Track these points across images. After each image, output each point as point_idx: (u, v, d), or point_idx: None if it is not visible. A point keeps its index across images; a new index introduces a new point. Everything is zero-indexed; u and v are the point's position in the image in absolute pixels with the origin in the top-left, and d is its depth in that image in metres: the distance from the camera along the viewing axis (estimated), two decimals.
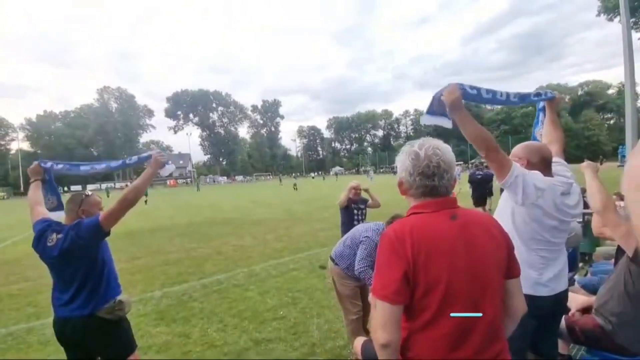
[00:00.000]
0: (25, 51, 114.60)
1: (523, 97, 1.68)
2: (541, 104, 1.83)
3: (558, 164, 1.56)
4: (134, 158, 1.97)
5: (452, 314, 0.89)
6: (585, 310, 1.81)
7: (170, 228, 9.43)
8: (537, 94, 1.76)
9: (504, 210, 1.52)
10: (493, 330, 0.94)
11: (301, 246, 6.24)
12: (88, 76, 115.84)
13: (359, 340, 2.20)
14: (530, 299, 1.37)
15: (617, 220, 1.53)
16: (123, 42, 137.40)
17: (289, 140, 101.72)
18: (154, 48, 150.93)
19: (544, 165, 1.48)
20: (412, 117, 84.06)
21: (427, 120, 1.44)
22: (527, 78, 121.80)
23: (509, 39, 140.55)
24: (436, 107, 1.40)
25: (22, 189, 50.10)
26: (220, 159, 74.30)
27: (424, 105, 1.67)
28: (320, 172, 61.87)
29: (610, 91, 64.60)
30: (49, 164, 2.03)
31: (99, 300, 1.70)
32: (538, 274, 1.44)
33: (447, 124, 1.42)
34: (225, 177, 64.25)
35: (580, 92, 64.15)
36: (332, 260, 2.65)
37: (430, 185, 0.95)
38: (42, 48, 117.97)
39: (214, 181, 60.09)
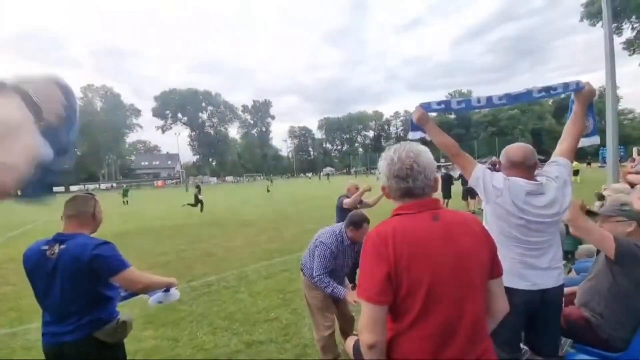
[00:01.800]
0: (12, 49, 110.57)
1: (517, 96, 1.67)
2: (573, 95, 1.73)
3: (555, 164, 1.60)
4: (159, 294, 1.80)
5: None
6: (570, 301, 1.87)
7: (159, 230, 9.24)
8: (549, 89, 1.68)
9: (484, 211, 1.64)
10: (477, 330, 0.96)
11: (292, 247, 6.22)
12: (73, 74, 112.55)
13: (351, 340, 2.21)
14: (510, 291, 1.41)
15: (588, 227, 1.59)
16: (109, 40, 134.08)
17: (280, 140, 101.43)
18: (141, 46, 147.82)
19: (512, 166, 1.58)
20: (402, 118, 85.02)
21: (411, 136, 1.75)
22: (514, 81, 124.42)
23: (498, 42, 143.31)
24: (414, 125, 1.72)
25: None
26: (210, 160, 73.32)
27: (414, 107, 1.74)
28: (314, 173, 61.87)
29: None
30: None
31: (100, 320, 1.51)
32: (514, 267, 1.50)
33: (426, 137, 1.73)
34: (215, 178, 63.48)
35: (563, 95, 66.13)
36: (301, 269, 2.49)
37: (405, 187, 0.99)
38: (28, 46, 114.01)
39: (202, 182, 59.28)
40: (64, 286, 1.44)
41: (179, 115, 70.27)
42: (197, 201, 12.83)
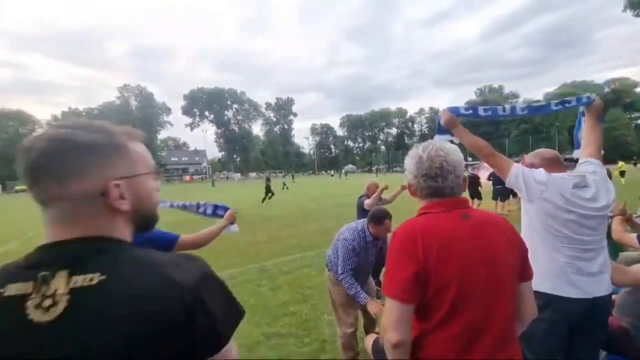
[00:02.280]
0: (52, 51, 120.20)
1: (538, 108, 1.72)
2: (582, 108, 1.82)
3: (588, 163, 1.54)
4: (210, 208, 2.04)
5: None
6: None
7: (186, 223, 9.70)
8: (564, 102, 1.72)
9: (523, 215, 1.53)
10: (506, 333, 0.93)
11: (312, 244, 6.29)
12: (110, 75, 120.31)
13: (370, 338, 2.21)
14: (556, 300, 1.35)
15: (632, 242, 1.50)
16: (143, 42, 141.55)
17: (302, 137, 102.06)
18: (173, 47, 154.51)
19: (548, 163, 1.53)
20: (427, 115, 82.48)
21: (438, 139, 1.71)
22: (550, 75, 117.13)
23: (532, 34, 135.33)
24: (442, 128, 1.71)
25: None
26: (235, 156, 75.48)
27: (440, 103, 1.76)
28: (337, 170, 61.87)
29: (638, 89, 61.14)
30: None
31: None
32: (563, 272, 1.38)
33: (454, 140, 1.70)
34: (238, 174, 65.28)
35: (606, 90, 61.03)
36: (326, 265, 2.50)
37: (434, 186, 0.97)
38: (67, 48, 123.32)
39: (227, 177, 61.19)
40: None
41: (206, 113, 72.91)
42: (269, 191, 14.28)
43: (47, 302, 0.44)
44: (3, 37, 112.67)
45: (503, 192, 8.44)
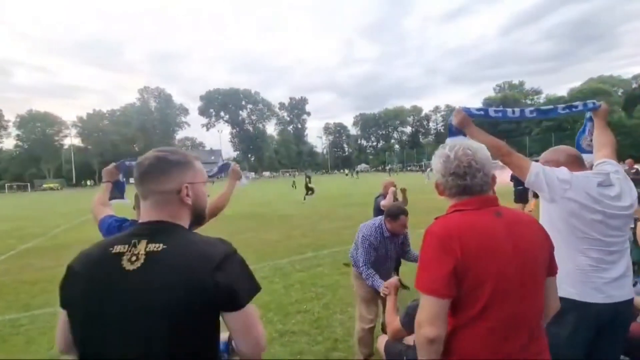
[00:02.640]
0: (77, 56, 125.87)
1: (546, 112, 1.73)
2: (588, 113, 1.81)
3: (606, 163, 1.49)
4: (215, 169, 2.12)
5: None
6: None
7: None
8: (570, 106, 1.75)
9: (542, 216, 1.47)
10: (538, 327, 0.97)
11: (325, 243, 6.31)
12: (131, 77, 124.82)
13: (383, 338, 2.20)
14: (581, 306, 1.30)
15: None
16: (160, 45, 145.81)
17: (315, 137, 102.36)
18: (189, 49, 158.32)
19: (572, 161, 1.48)
20: (442, 113, 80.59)
21: (451, 142, 1.72)
22: (575, 70, 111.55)
23: (555, 27, 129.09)
24: (454, 129, 1.71)
25: (74, 181, 55.28)
26: (249, 155, 76.62)
27: (456, 101, 1.72)
28: (351, 170, 61.64)
29: None
30: (128, 163, 1.95)
31: None
32: (588, 278, 1.32)
33: (467, 140, 1.74)
34: (253, 173, 66.19)
35: (634, 85, 57.52)
36: (351, 260, 2.60)
37: (463, 184, 0.98)
38: (91, 53, 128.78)
39: (249, 177, 62.12)
40: None
41: (222, 113, 74.38)
42: (309, 189, 14.83)
43: (134, 258, 0.74)
44: (34, 43, 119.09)
45: (524, 193, 8.15)
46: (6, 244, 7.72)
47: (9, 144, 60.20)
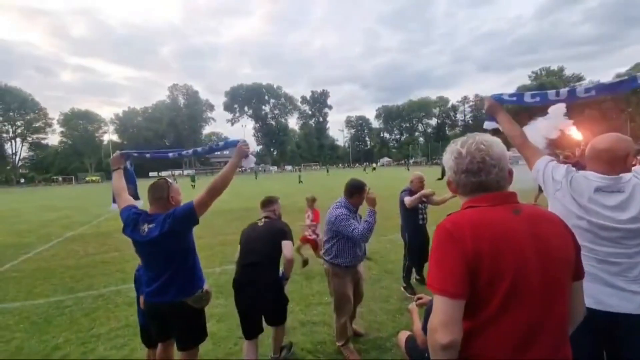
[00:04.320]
0: (113, 56, 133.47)
1: (613, 86, 1.41)
2: None
3: None
4: (221, 143, 2.12)
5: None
6: None
7: (228, 212, 10.29)
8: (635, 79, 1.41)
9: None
10: (562, 333, 0.88)
11: None
12: (161, 75, 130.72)
13: (403, 334, 2.17)
14: None
15: None
16: (188, 42, 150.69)
17: (337, 130, 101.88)
18: (215, 45, 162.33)
19: (593, 156, 1.36)
20: (471, 103, 76.74)
21: (488, 126, 1.72)
22: (619, 53, 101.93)
23: (598, 7, 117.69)
24: (489, 115, 1.70)
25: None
26: (272, 149, 77.89)
27: (486, 90, 1.61)
28: (366, 164, 60.79)
29: None
30: (133, 153, 2.20)
31: (189, 289, 1.76)
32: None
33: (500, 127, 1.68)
34: (275, 167, 67.30)
35: None
36: (324, 258, 2.64)
37: (477, 181, 0.93)
38: (125, 52, 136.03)
39: (264, 170, 63.44)
40: (157, 258, 1.74)
41: (245, 108, 75.94)
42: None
43: (260, 222, 2.45)
44: (75, 44, 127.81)
45: None
46: (53, 232, 8.46)
47: (54, 140, 65.62)
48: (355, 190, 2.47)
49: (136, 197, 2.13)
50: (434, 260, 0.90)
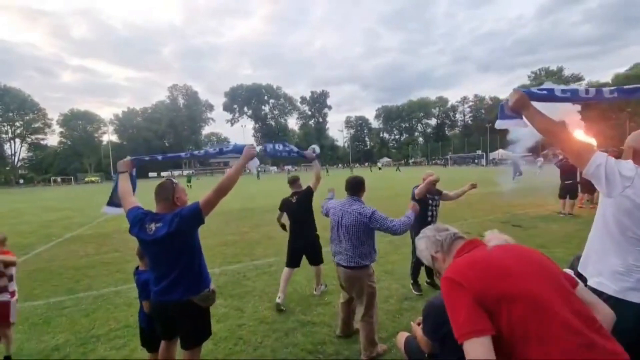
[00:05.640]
0: (113, 56, 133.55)
1: (631, 91, 1.41)
2: None
3: None
4: (230, 146, 2.17)
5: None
6: None
7: (228, 212, 10.28)
8: None
9: (599, 208, 1.40)
10: (600, 331, 0.88)
11: None
12: (161, 75, 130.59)
13: (402, 335, 2.18)
14: (621, 304, 1.24)
15: None
16: (188, 42, 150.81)
17: (337, 131, 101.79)
18: (215, 45, 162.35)
19: None
20: (471, 103, 76.79)
21: (500, 125, 1.56)
22: (620, 54, 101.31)
23: (598, 8, 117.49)
24: (507, 111, 1.52)
25: (112, 174, 59.30)
26: None
27: (486, 90, 1.56)
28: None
29: None
30: (144, 158, 2.27)
31: (196, 287, 1.77)
32: (630, 276, 1.26)
33: (520, 124, 1.50)
34: (275, 167, 67.27)
35: None
36: (355, 263, 2.44)
37: (449, 236, 1.22)
38: (125, 53, 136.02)
39: (264, 170, 63.46)
40: (164, 257, 1.74)
41: (245, 108, 75.95)
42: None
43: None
44: (76, 45, 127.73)
45: (572, 189, 7.12)
46: (53, 232, 8.46)
47: (54, 140, 65.54)
48: (363, 186, 2.52)
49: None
50: (450, 311, 0.93)
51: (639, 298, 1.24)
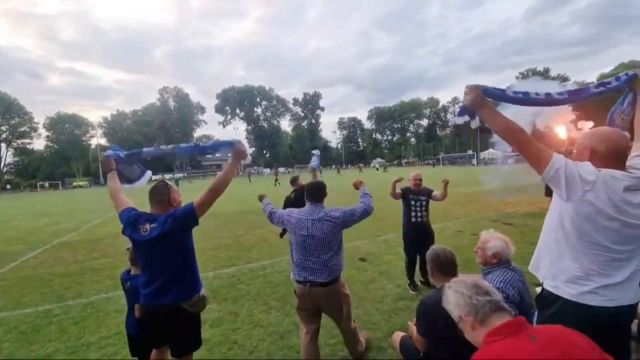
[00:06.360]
0: (102, 59, 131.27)
1: (577, 92, 1.43)
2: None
3: None
4: (209, 142, 2.05)
5: None
6: None
7: (221, 215, 10.19)
8: (604, 84, 1.48)
9: (552, 209, 1.34)
10: None
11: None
12: (152, 77, 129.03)
13: (397, 335, 2.20)
14: (579, 309, 1.23)
15: None
16: (180, 44, 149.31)
17: (330, 132, 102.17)
18: (207, 47, 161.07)
19: (612, 156, 1.24)
20: (461, 104, 77.25)
21: (458, 120, 1.61)
22: (607, 54, 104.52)
23: (586, 8, 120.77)
24: (463, 109, 1.55)
25: (101, 178, 58.23)
26: (264, 152, 77.52)
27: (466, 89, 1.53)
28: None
29: None
30: (116, 153, 2.14)
31: (187, 292, 1.75)
32: (587, 280, 1.23)
33: (473, 123, 1.54)
34: (268, 169, 66.98)
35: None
36: (332, 277, 2.26)
37: (489, 302, 1.04)
38: (116, 55, 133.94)
39: (257, 173, 63.11)
40: (157, 258, 1.72)
41: (237, 110, 75.49)
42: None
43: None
44: (65, 48, 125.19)
45: None
46: (41, 239, 8.25)
47: (40, 144, 63.97)
48: (324, 190, 2.33)
49: (142, 175, 2.25)
50: None
51: (598, 301, 1.22)
